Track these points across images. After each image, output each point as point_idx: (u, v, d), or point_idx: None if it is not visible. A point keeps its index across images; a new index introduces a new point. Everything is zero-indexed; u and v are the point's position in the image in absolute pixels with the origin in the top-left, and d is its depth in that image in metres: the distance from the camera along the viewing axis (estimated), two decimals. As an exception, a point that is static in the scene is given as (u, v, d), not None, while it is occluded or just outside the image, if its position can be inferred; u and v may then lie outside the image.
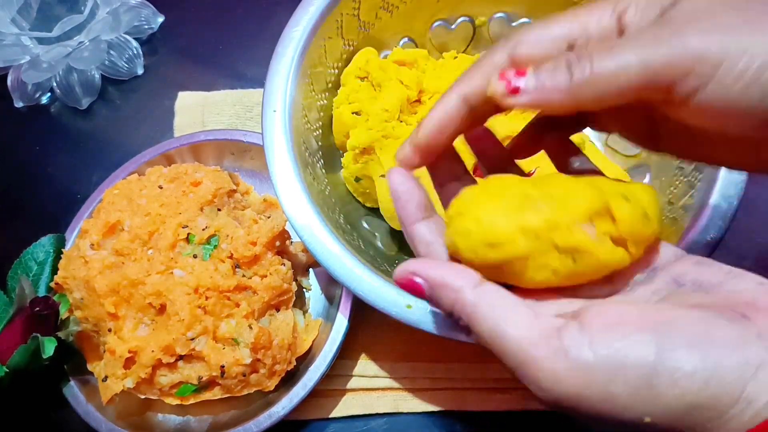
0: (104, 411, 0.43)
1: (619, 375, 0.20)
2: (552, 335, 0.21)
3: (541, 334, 0.21)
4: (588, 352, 0.20)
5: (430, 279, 0.24)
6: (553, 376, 0.21)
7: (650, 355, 0.20)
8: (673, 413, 0.20)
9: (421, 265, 0.25)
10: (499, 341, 0.22)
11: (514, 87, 0.22)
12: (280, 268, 0.43)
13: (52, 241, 0.48)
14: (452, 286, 0.23)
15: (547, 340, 0.21)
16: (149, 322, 0.41)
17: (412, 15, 0.49)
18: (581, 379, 0.20)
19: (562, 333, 0.21)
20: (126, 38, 0.60)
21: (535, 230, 0.23)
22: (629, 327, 0.21)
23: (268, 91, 0.42)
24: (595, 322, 0.21)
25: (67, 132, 0.59)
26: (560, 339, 0.21)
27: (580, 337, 0.21)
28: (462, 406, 0.46)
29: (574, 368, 0.20)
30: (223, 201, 0.46)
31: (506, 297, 0.23)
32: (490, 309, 0.22)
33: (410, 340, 0.47)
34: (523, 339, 0.21)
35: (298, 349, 0.44)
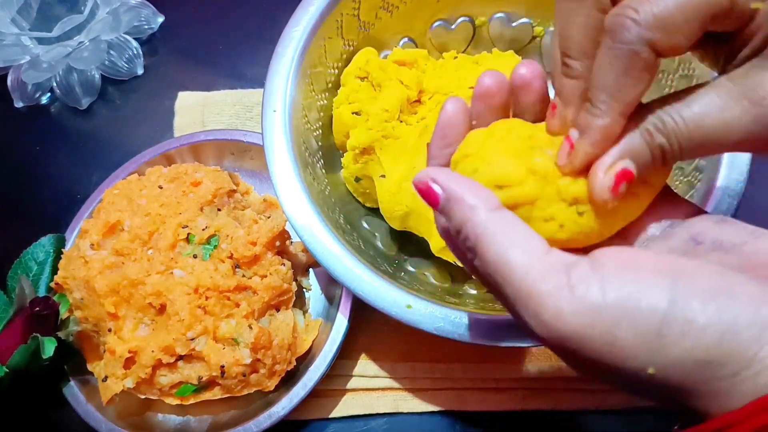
0: (104, 411, 0.43)
1: (627, 319, 0.19)
2: (560, 270, 0.20)
3: (549, 267, 0.20)
4: (597, 291, 0.19)
5: (449, 190, 0.23)
6: (555, 312, 0.19)
7: (663, 302, 0.19)
8: (679, 367, 0.18)
9: (443, 174, 0.23)
10: (503, 268, 0.21)
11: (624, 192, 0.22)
12: (280, 268, 0.43)
13: (52, 241, 0.48)
14: (469, 202, 0.22)
15: (555, 274, 0.20)
16: (149, 322, 0.41)
17: (412, 15, 0.49)
18: (586, 319, 0.19)
19: (571, 269, 0.20)
20: (126, 38, 0.60)
21: (543, 172, 0.23)
22: (644, 271, 0.19)
23: (268, 91, 0.42)
24: (609, 263, 0.20)
25: (67, 132, 0.59)
26: (569, 275, 0.20)
27: (591, 275, 0.20)
28: (462, 406, 0.46)
29: (580, 306, 0.19)
30: (223, 201, 0.46)
31: (520, 226, 0.22)
32: (500, 233, 0.21)
33: (410, 340, 0.47)
34: (529, 268, 0.20)
35: (298, 349, 0.44)
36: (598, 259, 0.20)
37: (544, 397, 0.45)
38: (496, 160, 0.23)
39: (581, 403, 0.45)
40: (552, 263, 0.20)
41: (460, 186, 0.23)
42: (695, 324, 0.18)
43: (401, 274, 0.43)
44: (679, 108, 0.21)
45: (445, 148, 0.26)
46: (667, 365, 0.19)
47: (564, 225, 0.23)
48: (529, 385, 0.45)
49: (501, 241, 0.21)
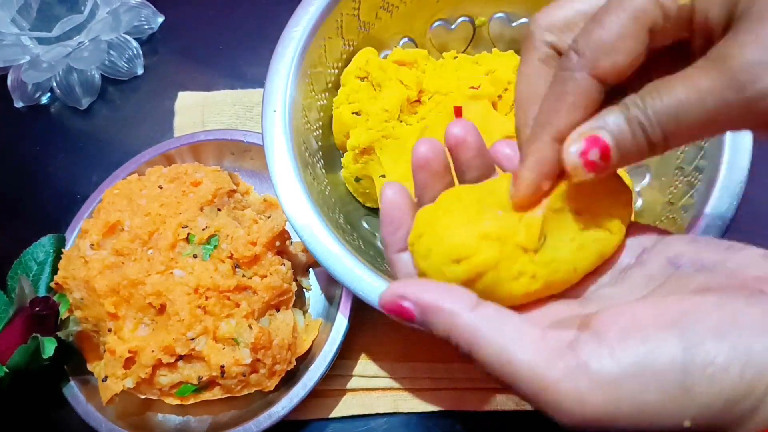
0: (104, 411, 0.43)
1: (649, 383, 0.18)
2: (566, 353, 0.19)
3: (553, 353, 0.19)
4: (610, 363, 0.18)
5: (422, 303, 0.21)
6: (576, 397, 0.19)
7: (678, 353, 0.18)
8: (711, 412, 0.18)
9: (410, 287, 0.22)
10: (508, 368, 0.20)
11: (599, 165, 0.21)
12: (280, 268, 0.43)
13: (52, 241, 0.48)
14: (447, 309, 0.21)
15: (562, 358, 0.19)
16: (149, 322, 0.41)
17: (412, 15, 0.49)
18: (608, 395, 0.18)
19: (576, 347, 0.19)
20: (126, 38, 0.60)
21: (496, 234, 0.22)
22: (648, 329, 0.19)
23: (268, 91, 0.42)
24: (610, 330, 0.19)
25: (67, 132, 0.59)
26: (576, 355, 0.19)
27: (598, 348, 0.19)
28: (462, 406, 0.46)
29: (599, 384, 0.18)
30: (223, 201, 0.46)
31: (508, 316, 0.21)
32: (492, 332, 0.20)
33: (410, 340, 0.47)
34: (535, 362, 0.19)
35: (298, 349, 0.44)
36: (597, 329, 0.20)
37: (544, 397, 0.45)
38: (447, 234, 0.22)
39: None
40: (555, 347, 0.20)
41: (432, 294, 0.21)
42: (715, 366, 0.18)
43: (401, 274, 0.43)
44: (658, 85, 0.21)
45: (396, 233, 0.26)
46: (700, 414, 0.18)
47: (536, 275, 0.23)
48: (529, 385, 0.45)
49: (495, 341, 0.20)
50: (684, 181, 0.40)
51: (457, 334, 0.21)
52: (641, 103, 0.21)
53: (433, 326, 0.21)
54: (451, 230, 0.23)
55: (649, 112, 0.21)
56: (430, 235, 0.23)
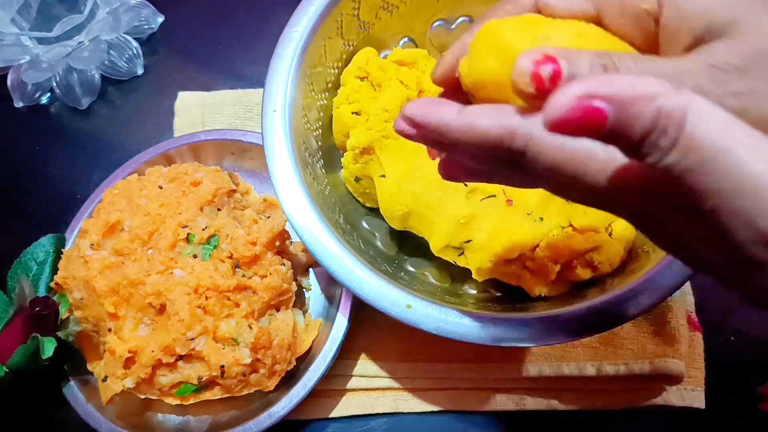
0: (104, 411, 0.43)
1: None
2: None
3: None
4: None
5: (616, 96, 0.17)
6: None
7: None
8: None
9: (597, 82, 0.17)
10: (722, 156, 0.16)
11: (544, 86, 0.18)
12: (280, 268, 0.43)
13: (52, 241, 0.48)
14: (649, 94, 0.17)
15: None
16: (149, 322, 0.41)
17: (412, 15, 0.49)
18: None
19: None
20: (126, 38, 0.60)
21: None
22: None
23: (268, 91, 0.42)
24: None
25: (67, 132, 0.59)
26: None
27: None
28: (461, 406, 0.46)
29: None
30: (222, 201, 0.46)
31: (715, 105, 0.17)
32: (707, 113, 0.16)
33: (410, 340, 0.47)
34: (753, 156, 0.16)
35: (298, 349, 0.44)
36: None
37: (544, 398, 0.45)
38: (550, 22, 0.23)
39: (580, 403, 0.45)
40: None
41: (627, 83, 0.17)
42: None
43: (401, 274, 0.43)
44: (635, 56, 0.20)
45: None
46: None
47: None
48: (528, 385, 0.45)
49: (711, 118, 0.16)
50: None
51: (665, 117, 0.17)
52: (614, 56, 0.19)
53: (635, 120, 0.17)
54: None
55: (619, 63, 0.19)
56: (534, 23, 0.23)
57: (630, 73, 0.18)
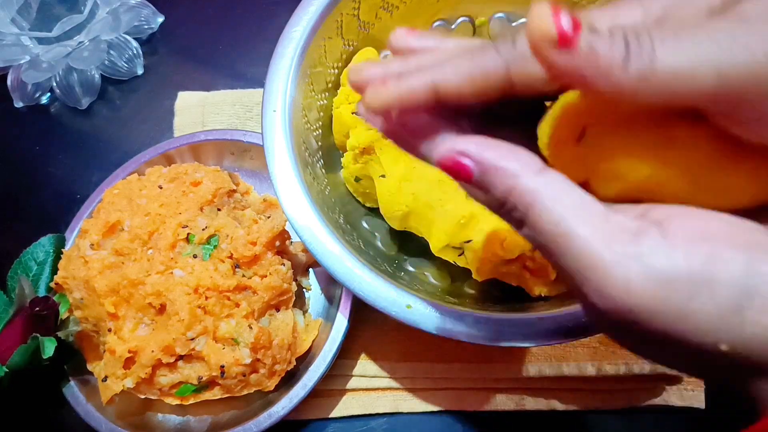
0: (104, 411, 0.43)
1: (703, 292, 0.17)
2: (626, 238, 0.18)
3: (614, 236, 0.18)
4: (671, 262, 0.17)
5: (484, 161, 0.20)
6: (623, 285, 0.18)
7: (742, 273, 0.17)
8: (754, 343, 0.17)
9: (472, 143, 0.20)
10: (562, 239, 0.19)
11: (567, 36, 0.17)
12: (280, 268, 0.43)
13: (52, 241, 0.48)
14: (510, 170, 0.19)
15: (621, 243, 0.18)
16: (149, 322, 0.41)
17: (412, 15, 0.49)
18: (658, 291, 0.17)
19: (640, 237, 0.18)
20: (126, 38, 0.60)
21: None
22: (719, 242, 0.18)
23: (268, 91, 0.42)
24: (680, 232, 0.18)
25: (67, 132, 0.59)
26: (637, 244, 0.18)
27: (663, 244, 0.18)
28: (461, 406, 0.46)
29: (653, 278, 0.17)
30: (222, 201, 0.46)
31: (573, 188, 0.19)
32: (553, 200, 0.19)
33: (410, 340, 0.47)
34: (592, 238, 0.18)
35: (298, 349, 0.44)
36: (666, 227, 0.19)
37: (544, 398, 0.45)
38: None
39: (581, 403, 0.45)
40: (615, 230, 0.18)
41: (495, 153, 0.20)
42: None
43: (401, 274, 0.43)
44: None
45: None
46: (741, 342, 0.17)
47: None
48: (528, 385, 0.45)
49: (555, 209, 0.19)
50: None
51: (516, 196, 0.20)
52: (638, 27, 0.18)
53: (493, 186, 0.20)
54: None
55: (643, 30, 0.18)
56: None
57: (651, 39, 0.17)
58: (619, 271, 0.18)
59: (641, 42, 0.17)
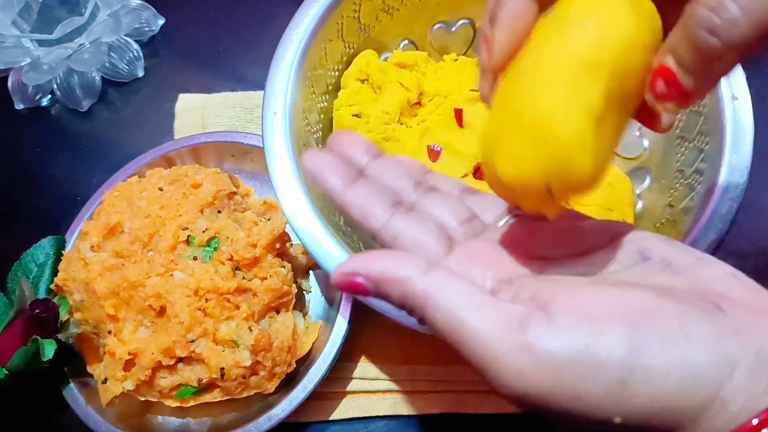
0: (104, 413, 0.43)
1: (589, 373, 0.18)
2: (515, 327, 0.19)
3: (503, 327, 0.19)
4: (556, 346, 0.19)
5: (372, 275, 0.22)
6: (516, 374, 0.19)
7: (623, 351, 0.18)
8: (645, 414, 0.18)
9: (359, 261, 0.22)
10: (457, 334, 0.20)
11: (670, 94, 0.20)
12: (280, 270, 0.43)
13: (52, 243, 0.48)
14: (398, 278, 0.21)
15: (510, 333, 0.19)
16: (149, 324, 0.41)
17: (412, 17, 0.49)
18: (548, 377, 0.19)
19: (526, 325, 0.19)
20: (126, 40, 0.60)
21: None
22: (600, 319, 0.19)
23: (269, 93, 0.42)
24: (564, 314, 0.19)
25: (68, 134, 0.59)
26: (524, 332, 0.19)
27: (547, 330, 0.19)
28: (462, 409, 0.45)
29: (541, 365, 0.19)
30: (223, 203, 0.46)
31: (461, 283, 0.21)
32: (443, 298, 0.20)
33: (410, 343, 0.47)
34: (482, 331, 0.20)
35: (298, 351, 0.44)
36: (550, 309, 0.20)
37: (544, 400, 0.45)
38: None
39: (581, 405, 0.45)
40: (505, 320, 0.20)
41: (381, 264, 0.22)
42: (656, 371, 0.18)
43: (401, 277, 0.43)
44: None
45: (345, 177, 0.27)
46: (632, 413, 0.18)
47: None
48: (529, 387, 0.45)
49: (445, 306, 0.20)
50: (684, 183, 0.41)
51: (410, 301, 0.21)
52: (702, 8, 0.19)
53: (389, 296, 0.22)
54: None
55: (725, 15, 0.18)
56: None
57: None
58: (510, 361, 0.19)
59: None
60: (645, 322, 0.19)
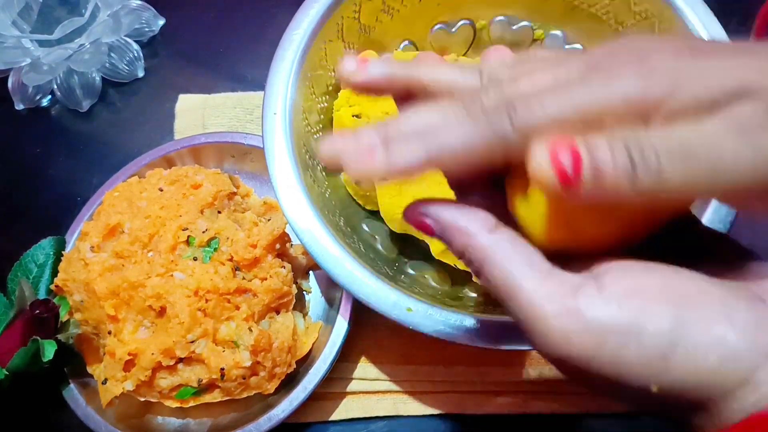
0: (104, 413, 0.43)
1: (633, 341, 0.19)
2: (567, 293, 0.20)
3: (555, 290, 0.21)
4: (604, 314, 0.20)
5: (441, 220, 0.23)
6: (563, 336, 0.20)
7: (667, 327, 0.19)
8: (681, 386, 0.19)
9: (432, 204, 0.23)
10: (510, 291, 0.21)
11: (570, 180, 0.19)
12: (280, 270, 0.43)
13: (52, 243, 0.48)
14: (464, 230, 0.22)
15: (561, 296, 0.20)
16: (149, 325, 0.41)
17: (412, 18, 0.49)
18: (593, 341, 0.20)
19: (578, 291, 0.20)
20: (127, 41, 0.60)
21: None
22: (649, 298, 0.20)
23: (269, 93, 0.42)
24: (615, 286, 0.20)
25: (68, 134, 0.59)
26: (575, 297, 0.20)
27: (598, 298, 0.20)
28: (462, 409, 0.45)
29: (588, 329, 0.20)
30: (223, 203, 0.46)
31: (522, 245, 0.22)
32: (503, 256, 0.22)
33: (410, 343, 0.47)
34: (535, 292, 0.21)
35: (298, 351, 0.44)
36: (604, 281, 0.21)
37: (545, 400, 0.45)
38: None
39: (582, 406, 0.45)
40: (558, 285, 0.21)
41: (451, 214, 0.23)
42: (698, 349, 0.19)
43: (401, 277, 0.43)
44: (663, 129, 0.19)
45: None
46: (670, 384, 0.19)
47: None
48: (529, 388, 0.45)
49: (505, 263, 0.21)
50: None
51: (471, 253, 0.22)
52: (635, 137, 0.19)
53: (452, 242, 0.23)
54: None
55: (645, 141, 0.19)
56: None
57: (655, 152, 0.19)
58: (558, 323, 0.20)
59: (646, 157, 0.18)
60: (692, 303, 0.20)
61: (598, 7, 0.46)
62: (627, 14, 0.45)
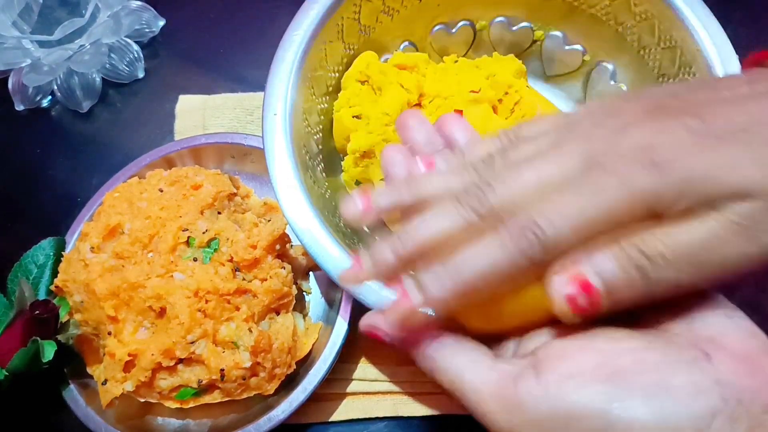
0: (104, 414, 0.43)
1: (573, 427, 0.20)
2: (508, 386, 0.22)
3: (497, 385, 0.23)
4: (543, 403, 0.21)
5: (392, 335, 0.27)
6: (509, 427, 0.22)
7: (603, 406, 0.20)
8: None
9: (381, 318, 0.27)
10: (460, 393, 0.24)
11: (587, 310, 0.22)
12: (280, 271, 0.43)
13: (52, 244, 0.48)
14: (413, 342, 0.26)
15: (503, 391, 0.22)
16: (149, 326, 0.41)
17: (412, 19, 0.49)
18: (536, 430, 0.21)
19: (518, 383, 0.22)
20: (127, 41, 0.60)
21: None
22: (585, 377, 0.21)
23: (269, 94, 0.42)
24: (552, 374, 0.22)
25: (68, 135, 0.59)
26: (516, 390, 0.22)
27: (536, 387, 0.21)
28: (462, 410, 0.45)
29: (529, 420, 0.21)
30: (223, 204, 0.46)
31: (464, 348, 0.25)
32: (449, 362, 0.25)
33: (410, 344, 0.47)
34: (480, 391, 0.23)
35: (298, 352, 0.44)
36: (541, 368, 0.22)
37: (545, 402, 0.45)
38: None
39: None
40: (498, 378, 0.23)
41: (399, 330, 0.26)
42: (635, 425, 0.19)
43: (401, 278, 0.43)
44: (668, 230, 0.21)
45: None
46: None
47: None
48: (529, 389, 0.45)
49: (450, 368, 0.25)
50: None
51: (421, 362, 0.26)
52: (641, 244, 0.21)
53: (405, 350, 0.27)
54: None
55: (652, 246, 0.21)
56: None
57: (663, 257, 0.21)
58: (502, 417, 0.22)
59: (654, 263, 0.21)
60: (628, 378, 0.20)
61: (598, 8, 0.46)
62: (627, 15, 0.45)
